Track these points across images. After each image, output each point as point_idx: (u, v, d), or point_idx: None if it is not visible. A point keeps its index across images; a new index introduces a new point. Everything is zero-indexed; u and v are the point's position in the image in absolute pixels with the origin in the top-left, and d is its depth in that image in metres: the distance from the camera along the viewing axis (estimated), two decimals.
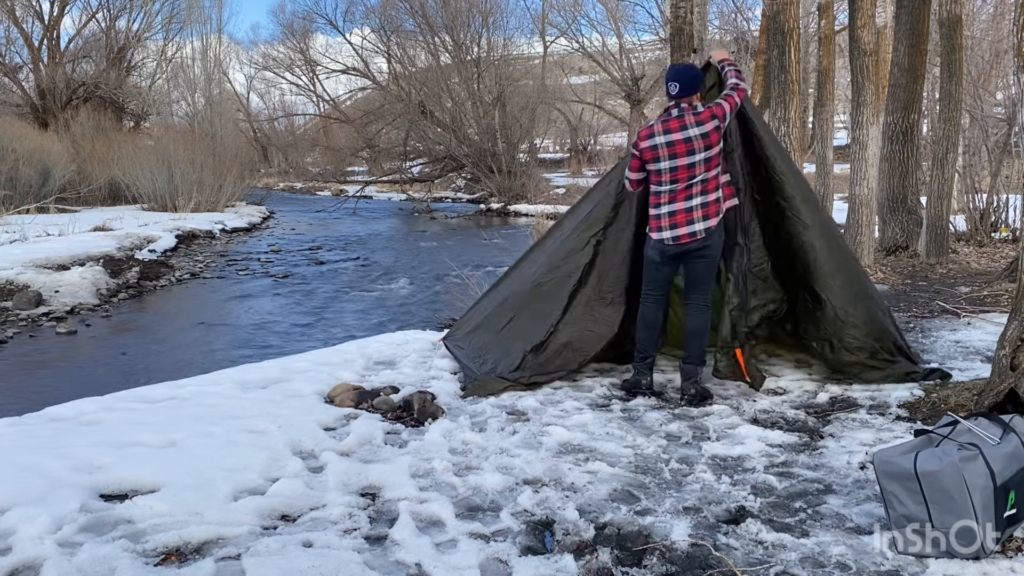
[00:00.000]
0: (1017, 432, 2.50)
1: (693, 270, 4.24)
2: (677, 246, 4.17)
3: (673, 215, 4.15)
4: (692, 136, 4.07)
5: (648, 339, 4.34)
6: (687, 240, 4.14)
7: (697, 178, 4.11)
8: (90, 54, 28.32)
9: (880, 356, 4.37)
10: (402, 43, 30.72)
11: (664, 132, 4.13)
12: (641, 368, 4.35)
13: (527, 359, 4.40)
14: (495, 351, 4.60)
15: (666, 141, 4.12)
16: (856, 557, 2.46)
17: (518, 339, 4.55)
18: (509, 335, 4.64)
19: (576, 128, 40.08)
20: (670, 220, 4.16)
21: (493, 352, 4.60)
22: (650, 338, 4.34)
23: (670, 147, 4.11)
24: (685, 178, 4.11)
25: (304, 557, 2.44)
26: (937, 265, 9.28)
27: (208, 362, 6.63)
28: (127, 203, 19.97)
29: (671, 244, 4.18)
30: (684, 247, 4.17)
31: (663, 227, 4.18)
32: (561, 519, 2.75)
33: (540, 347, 4.42)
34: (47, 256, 10.09)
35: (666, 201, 4.17)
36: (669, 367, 4.77)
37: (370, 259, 13.92)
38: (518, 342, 4.52)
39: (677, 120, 4.12)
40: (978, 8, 17.03)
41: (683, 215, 4.13)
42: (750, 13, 28.63)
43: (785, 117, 7.82)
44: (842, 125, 28.91)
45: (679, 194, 4.14)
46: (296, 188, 39.26)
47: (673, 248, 4.19)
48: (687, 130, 4.08)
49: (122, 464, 3.10)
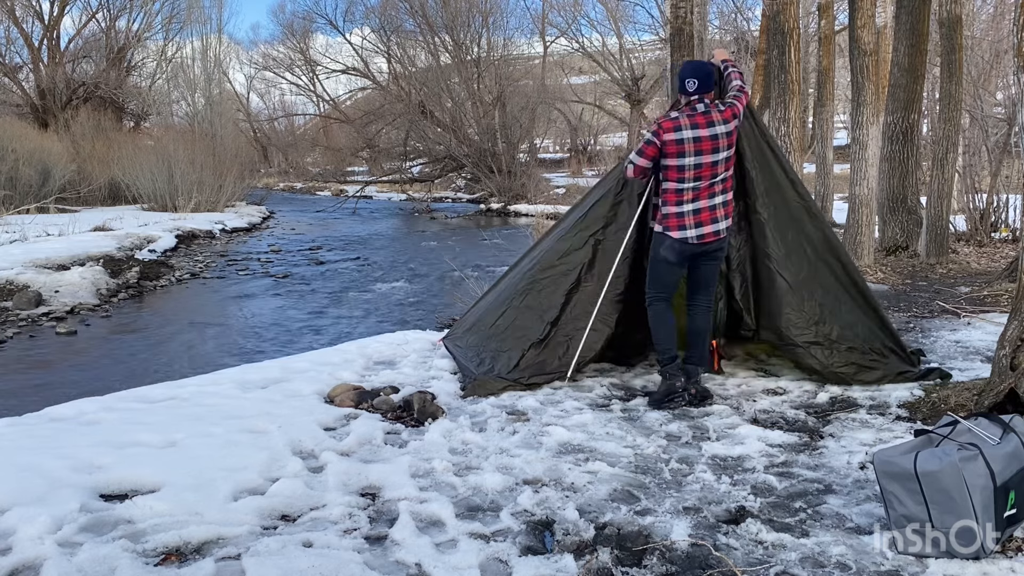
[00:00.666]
0: (1017, 432, 2.50)
1: (704, 271, 4.18)
2: (700, 245, 4.07)
3: (698, 213, 4.04)
4: (719, 133, 3.99)
5: (668, 337, 4.21)
6: (711, 239, 4.06)
7: (719, 176, 4.05)
8: (90, 54, 28.31)
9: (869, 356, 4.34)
10: (402, 43, 30.73)
11: (692, 127, 3.99)
12: (673, 371, 4.18)
13: (526, 357, 4.40)
14: (494, 350, 4.60)
15: (693, 136, 3.98)
16: (856, 557, 2.47)
17: (517, 338, 4.54)
18: (508, 334, 4.64)
19: (576, 128, 40.07)
20: (695, 218, 4.04)
21: (492, 351, 4.60)
22: (670, 336, 4.21)
23: (697, 143, 3.98)
24: (709, 175, 4.02)
25: (304, 557, 2.44)
26: (937, 265, 9.28)
27: (208, 362, 6.63)
28: (127, 203, 19.97)
29: (695, 243, 4.06)
30: (705, 246, 4.09)
31: (687, 225, 4.05)
32: (561, 519, 2.75)
33: (539, 344, 4.42)
34: (47, 256, 10.09)
35: (689, 199, 4.04)
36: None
37: (370, 259, 13.92)
38: (517, 341, 4.52)
39: (704, 116, 4.01)
40: (978, 8, 17.03)
41: (707, 213, 4.05)
42: (750, 13, 28.62)
43: (785, 117, 7.82)
44: (842, 125, 28.91)
45: (703, 192, 4.04)
46: (296, 188, 39.26)
47: (695, 247, 4.08)
48: (715, 127, 3.99)
49: (122, 464, 3.10)
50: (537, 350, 4.42)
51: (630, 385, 4.51)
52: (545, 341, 4.43)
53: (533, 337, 4.45)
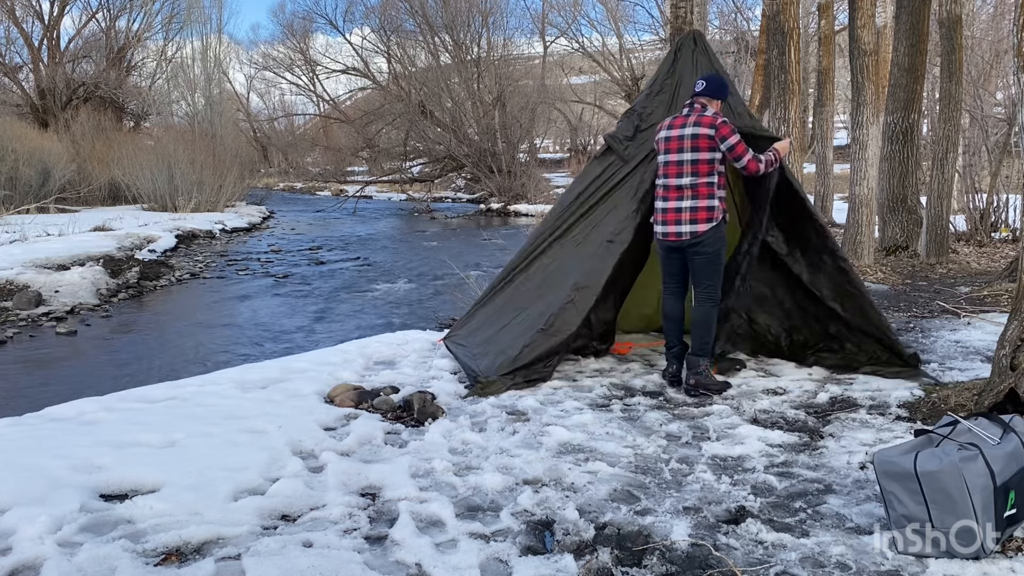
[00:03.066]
0: (1017, 432, 2.50)
1: (692, 265, 4.32)
2: (668, 242, 4.29)
3: (665, 212, 4.28)
4: (685, 135, 4.16)
5: (671, 330, 4.47)
6: (673, 239, 4.25)
7: (685, 179, 4.15)
8: (90, 54, 28.31)
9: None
10: (402, 43, 30.73)
11: (668, 127, 4.28)
12: (668, 357, 4.51)
13: (524, 352, 4.41)
14: (495, 347, 4.60)
15: (665, 136, 4.27)
16: (856, 557, 2.46)
17: (518, 333, 4.55)
18: (509, 331, 4.65)
19: (576, 128, 40.08)
20: (662, 216, 4.30)
21: (493, 347, 4.60)
22: (673, 329, 4.46)
23: (667, 142, 4.25)
24: (674, 175, 4.21)
25: (304, 557, 2.44)
26: (937, 265, 9.28)
27: (208, 362, 6.63)
28: (127, 203, 19.97)
29: (661, 239, 4.34)
30: (673, 244, 4.27)
31: (656, 221, 4.35)
32: (561, 519, 2.75)
33: (542, 332, 4.44)
34: (47, 256, 10.09)
35: (660, 196, 4.32)
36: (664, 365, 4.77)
37: (370, 259, 13.92)
38: (519, 336, 4.53)
39: (683, 117, 4.24)
40: (978, 8, 17.03)
41: (672, 214, 4.24)
42: (750, 13, 28.66)
43: (785, 117, 7.82)
44: (842, 125, 28.91)
45: (671, 192, 4.24)
46: (296, 188, 39.28)
47: (664, 243, 4.32)
48: (684, 128, 4.18)
49: (122, 464, 3.10)
50: (540, 335, 4.45)
51: (630, 385, 4.51)
52: (547, 330, 4.46)
53: (536, 326, 4.49)
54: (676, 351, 4.46)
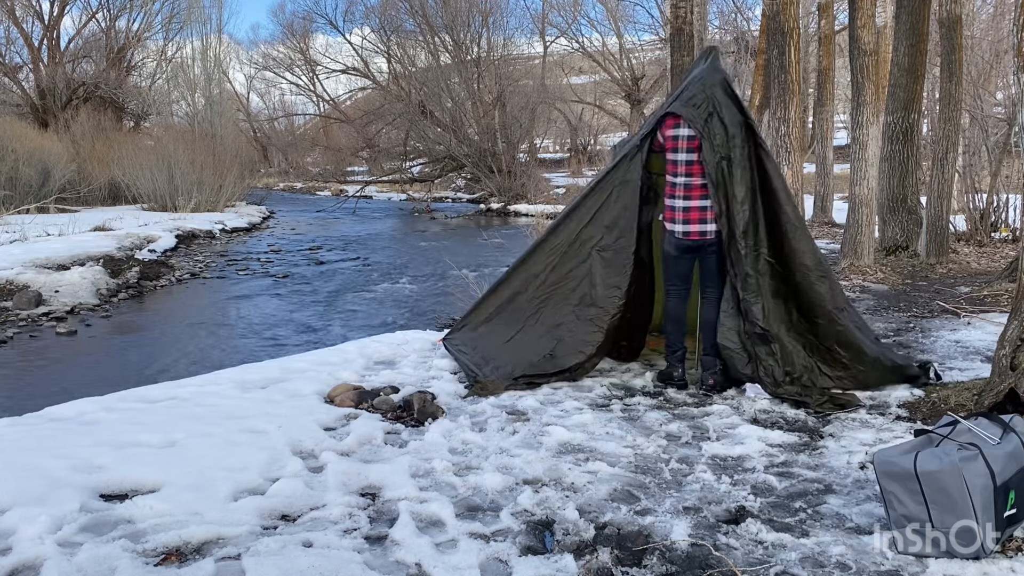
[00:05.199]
0: (1017, 432, 2.50)
1: (706, 264, 4.31)
2: (689, 241, 4.24)
3: (687, 211, 4.22)
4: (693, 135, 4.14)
5: (676, 332, 4.44)
6: (697, 237, 4.22)
7: (704, 178, 4.15)
8: (90, 54, 28.28)
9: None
10: (402, 43, 30.71)
11: (681, 126, 4.21)
12: (672, 360, 4.46)
13: (533, 365, 4.40)
14: (499, 359, 4.57)
15: (687, 135, 4.18)
16: (856, 557, 2.47)
17: (524, 348, 4.53)
18: (513, 345, 4.60)
19: (576, 128, 40.08)
20: (684, 215, 4.23)
21: (497, 360, 4.57)
22: (677, 331, 4.44)
23: (689, 140, 4.18)
24: (699, 173, 4.16)
25: (304, 557, 2.44)
26: (937, 265, 9.28)
27: (208, 362, 6.63)
28: (127, 203, 19.96)
29: (683, 238, 4.25)
30: (695, 243, 4.24)
31: (676, 220, 4.26)
32: (561, 519, 2.75)
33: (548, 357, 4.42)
34: (47, 256, 10.08)
35: (681, 195, 4.24)
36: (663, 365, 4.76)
37: (370, 259, 13.92)
38: (524, 352, 4.50)
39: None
40: (978, 8, 17.04)
41: (696, 212, 4.20)
42: (750, 13, 28.67)
43: (785, 117, 7.82)
44: (842, 125, 28.87)
45: (694, 191, 4.19)
46: (296, 188, 39.25)
47: (685, 242, 4.26)
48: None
49: (122, 464, 3.10)
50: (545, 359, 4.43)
51: (630, 385, 4.51)
52: (553, 353, 4.44)
53: (542, 351, 4.46)
54: (680, 354, 4.43)
